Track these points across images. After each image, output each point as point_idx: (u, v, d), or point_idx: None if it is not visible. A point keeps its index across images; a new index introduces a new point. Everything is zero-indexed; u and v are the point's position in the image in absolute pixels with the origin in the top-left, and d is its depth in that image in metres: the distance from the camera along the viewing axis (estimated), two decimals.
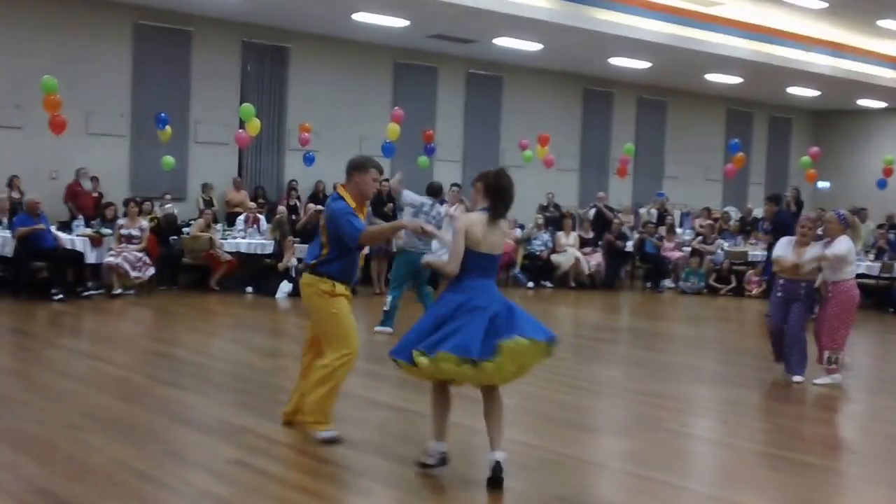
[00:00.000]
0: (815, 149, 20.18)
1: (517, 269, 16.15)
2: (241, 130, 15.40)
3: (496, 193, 5.13)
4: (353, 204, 5.63)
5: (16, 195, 13.55)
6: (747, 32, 18.48)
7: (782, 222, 12.61)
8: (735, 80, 21.35)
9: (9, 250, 11.82)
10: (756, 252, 16.83)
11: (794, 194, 19.26)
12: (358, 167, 5.72)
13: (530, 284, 15.91)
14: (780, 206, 13.21)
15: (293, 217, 15.06)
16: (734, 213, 20.66)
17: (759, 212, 18.64)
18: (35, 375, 7.54)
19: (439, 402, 5.17)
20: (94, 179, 14.98)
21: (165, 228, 13.76)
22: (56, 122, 13.34)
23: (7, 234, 11.91)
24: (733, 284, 16.19)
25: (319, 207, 15.42)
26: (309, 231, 14.33)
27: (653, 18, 17.09)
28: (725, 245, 17.25)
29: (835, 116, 26.69)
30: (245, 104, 15.22)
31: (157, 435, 5.75)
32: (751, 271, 16.19)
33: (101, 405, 6.49)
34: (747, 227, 18.51)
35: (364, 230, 5.60)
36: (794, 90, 22.79)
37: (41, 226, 11.71)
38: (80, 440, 5.54)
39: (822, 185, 24.79)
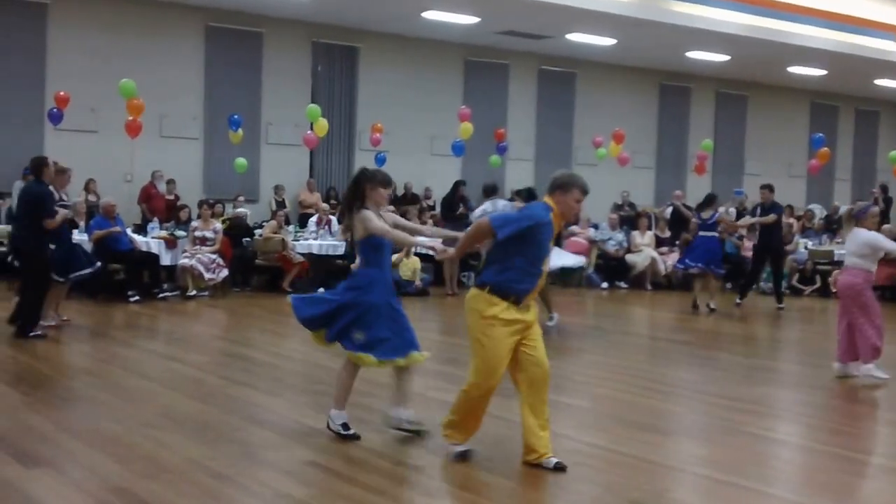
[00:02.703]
0: None
1: (591, 270, 15.91)
2: (309, 132, 15.52)
3: None
4: (557, 221, 5.17)
5: (92, 198, 13.86)
6: (832, 22, 17.91)
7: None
8: (819, 72, 20.76)
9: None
10: (842, 251, 16.28)
11: (882, 190, 18.66)
12: (562, 186, 5.17)
13: (604, 285, 15.67)
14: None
15: None
16: (818, 211, 20.06)
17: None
18: (112, 375, 7.65)
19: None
20: (171, 182, 15.26)
21: (234, 230, 13.92)
22: (133, 125, 13.61)
23: (84, 236, 12.16)
24: (818, 285, 15.69)
25: (390, 208, 15.44)
26: None
27: (731, 10, 16.71)
28: (809, 244, 16.74)
29: None
30: (311, 105, 15.34)
31: (232, 435, 5.75)
32: (836, 271, 15.66)
33: (177, 405, 6.54)
34: (833, 226, 17.97)
35: (494, 223, 5.06)
36: (881, 82, 22.05)
37: (117, 228, 11.91)
38: (155, 439, 5.58)
39: None
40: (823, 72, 20.77)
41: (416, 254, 13.49)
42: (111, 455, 5.24)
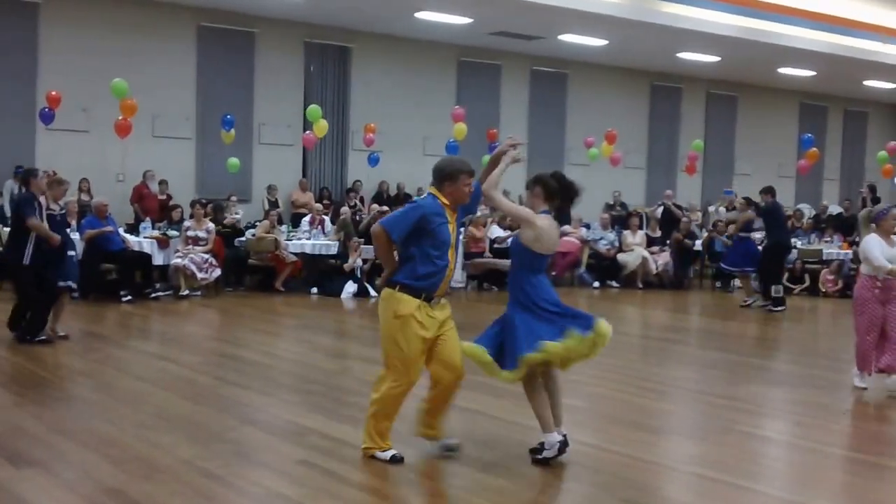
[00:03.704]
0: (892, 143, 19.59)
1: (582, 269, 15.95)
2: (307, 132, 15.51)
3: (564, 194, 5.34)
4: (451, 209, 5.14)
5: (84, 198, 13.82)
6: (821, 24, 17.98)
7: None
8: (808, 73, 20.84)
9: (78, 252, 11.99)
10: (830, 250, 16.42)
11: (870, 190, 18.73)
12: (450, 176, 5.12)
13: (596, 284, 15.71)
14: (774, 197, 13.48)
15: (357, 218, 15.11)
16: (807, 211, 20.17)
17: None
18: (105, 376, 7.64)
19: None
20: (163, 182, 15.22)
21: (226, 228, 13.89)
22: (122, 125, 13.57)
23: (76, 236, 12.11)
24: (807, 284, 15.78)
25: (384, 208, 15.47)
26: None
27: (722, 11, 16.77)
28: (798, 243, 16.83)
29: None
30: (312, 105, 15.33)
31: (225, 435, 5.76)
32: (825, 270, 15.77)
33: (170, 405, 6.54)
34: (821, 225, 18.07)
35: (386, 227, 5.04)
36: (870, 83, 22.16)
37: (109, 228, 11.88)
38: (149, 440, 5.58)
39: None
40: (813, 73, 20.85)
41: None
42: (104, 456, 5.23)
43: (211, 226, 13.06)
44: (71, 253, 9.41)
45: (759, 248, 13.92)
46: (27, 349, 8.43)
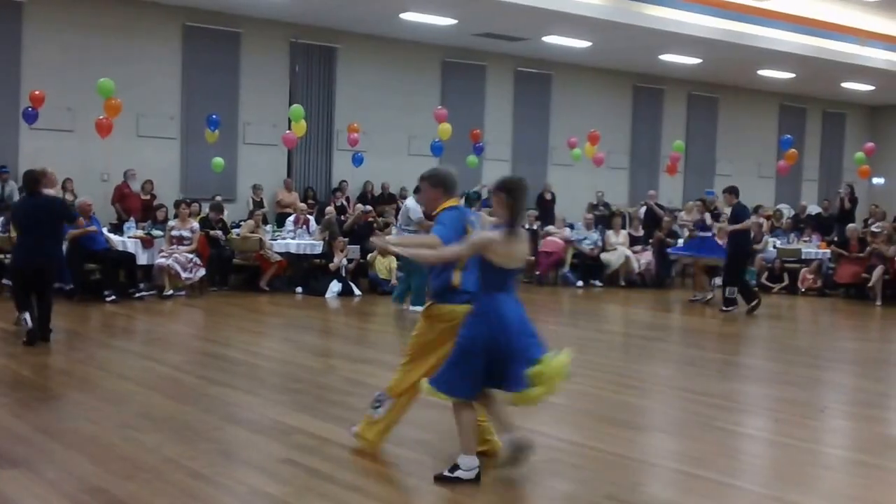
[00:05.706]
0: (869, 144, 19.80)
1: (566, 269, 16.04)
2: (288, 131, 15.51)
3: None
4: None
5: (69, 197, 13.77)
6: (800, 27, 18.17)
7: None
8: (788, 75, 21.02)
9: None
10: (809, 249, 16.58)
11: (848, 190, 18.92)
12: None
13: (580, 283, 15.80)
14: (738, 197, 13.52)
15: (342, 217, 15.13)
16: (787, 211, 20.34)
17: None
18: (89, 376, 7.62)
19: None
20: (148, 182, 15.18)
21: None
22: (103, 124, 13.53)
23: None
24: (786, 283, 15.93)
25: (368, 207, 15.52)
26: (356, 231, 14.38)
27: (704, 14, 16.90)
28: (778, 243, 16.99)
29: (890, 111, 26.10)
30: (295, 105, 15.33)
31: (210, 434, 5.78)
32: (804, 269, 15.93)
33: (154, 405, 6.56)
34: (800, 225, 18.23)
35: None
36: (848, 85, 22.36)
37: (93, 228, 11.85)
38: (133, 439, 5.59)
39: (876, 181, 24.33)
40: (792, 75, 21.03)
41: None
42: (88, 455, 5.24)
43: (195, 225, 13.05)
44: None
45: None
46: (11, 350, 8.42)
